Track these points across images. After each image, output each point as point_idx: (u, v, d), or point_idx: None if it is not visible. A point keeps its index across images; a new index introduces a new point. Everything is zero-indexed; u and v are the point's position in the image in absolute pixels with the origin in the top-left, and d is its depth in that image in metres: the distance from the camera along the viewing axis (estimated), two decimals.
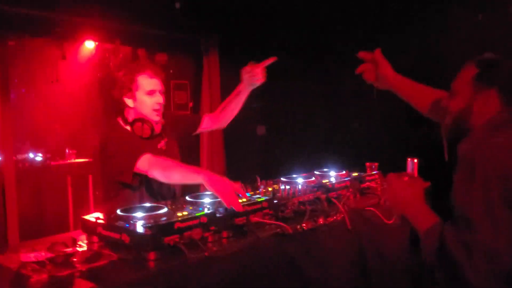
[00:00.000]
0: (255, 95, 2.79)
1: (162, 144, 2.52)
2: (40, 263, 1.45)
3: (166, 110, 2.56)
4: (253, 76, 2.59)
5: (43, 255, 1.48)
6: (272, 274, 1.91)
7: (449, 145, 3.90)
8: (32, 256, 1.47)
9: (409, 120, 4.31)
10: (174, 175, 2.17)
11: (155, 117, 2.41)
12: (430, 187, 3.29)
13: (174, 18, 4.10)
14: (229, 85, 4.94)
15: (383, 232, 2.73)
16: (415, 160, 3.31)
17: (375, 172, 3.03)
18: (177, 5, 4.05)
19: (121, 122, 2.45)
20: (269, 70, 2.62)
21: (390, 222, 2.77)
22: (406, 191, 1.84)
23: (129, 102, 2.38)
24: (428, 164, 3.53)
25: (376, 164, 3.18)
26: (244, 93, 2.71)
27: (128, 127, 2.42)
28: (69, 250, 1.54)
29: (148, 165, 2.17)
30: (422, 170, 3.35)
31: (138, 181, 2.29)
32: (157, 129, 2.45)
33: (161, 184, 2.35)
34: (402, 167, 3.32)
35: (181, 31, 4.52)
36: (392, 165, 3.33)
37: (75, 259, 1.50)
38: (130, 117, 2.41)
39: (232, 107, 2.77)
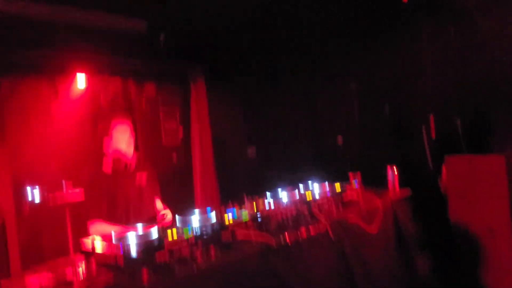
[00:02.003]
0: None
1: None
2: None
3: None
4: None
5: (47, 281, 1.62)
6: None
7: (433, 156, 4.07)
8: (37, 284, 1.61)
9: (391, 130, 4.50)
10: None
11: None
12: (410, 195, 3.47)
13: (161, 49, 4.30)
14: (216, 109, 5.18)
15: (367, 243, 2.85)
16: (394, 168, 3.51)
17: (356, 182, 3.17)
18: (162, 37, 4.24)
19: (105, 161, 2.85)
20: (253, 90, 2.74)
21: (374, 232, 2.91)
22: None
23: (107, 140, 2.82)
24: (409, 172, 3.71)
25: (359, 173, 3.33)
26: None
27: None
28: (70, 274, 1.68)
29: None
30: (403, 178, 3.54)
31: None
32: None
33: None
34: (384, 176, 3.50)
35: (168, 62, 4.71)
36: (374, 174, 3.50)
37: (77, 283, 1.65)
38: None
39: None
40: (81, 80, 4.54)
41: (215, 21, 4.19)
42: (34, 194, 4.62)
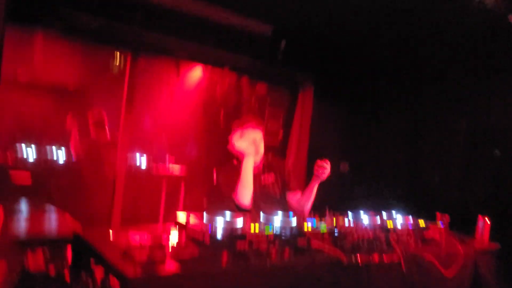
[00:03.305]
0: None
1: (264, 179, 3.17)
2: (143, 246, 1.89)
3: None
4: (321, 170, 3.06)
5: (145, 239, 1.91)
6: None
7: None
8: (137, 238, 1.91)
9: (494, 179, 4.30)
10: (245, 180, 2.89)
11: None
12: (498, 249, 3.31)
13: (278, 55, 4.55)
14: (318, 119, 5.32)
15: (439, 283, 2.81)
16: (487, 219, 3.37)
17: (441, 222, 3.12)
18: (283, 44, 4.49)
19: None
20: (358, 108, 2.74)
21: (450, 276, 2.85)
22: None
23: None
24: (503, 227, 3.54)
25: (447, 216, 3.26)
26: (314, 184, 3.20)
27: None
28: (164, 240, 1.96)
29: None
30: (494, 231, 3.39)
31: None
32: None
33: None
34: (472, 224, 3.38)
35: (282, 67, 4.96)
36: (464, 221, 3.40)
37: (168, 248, 1.93)
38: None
39: (306, 197, 3.24)
40: (201, 70, 4.97)
41: (338, 35, 4.33)
42: (142, 161, 5.18)
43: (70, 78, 4.41)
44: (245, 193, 2.95)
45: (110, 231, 2.19)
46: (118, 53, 4.46)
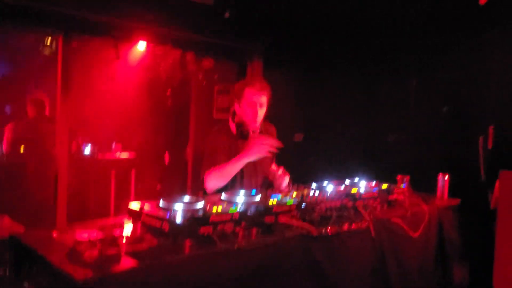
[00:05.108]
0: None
1: None
2: (92, 242, 1.67)
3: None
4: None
5: (95, 235, 1.70)
6: (294, 272, 2.07)
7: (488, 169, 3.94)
8: (86, 235, 1.69)
9: (445, 137, 4.37)
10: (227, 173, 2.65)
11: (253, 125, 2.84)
12: (458, 204, 3.37)
13: (222, 26, 4.33)
14: (270, 91, 5.17)
15: (406, 244, 2.82)
16: (446, 177, 3.41)
17: (404, 185, 3.12)
18: (227, 15, 4.27)
19: (230, 120, 2.93)
20: (310, 76, 2.70)
21: (415, 235, 2.87)
22: None
23: (236, 108, 2.90)
24: (460, 182, 3.61)
25: (408, 177, 3.27)
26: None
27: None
28: (117, 233, 1.75)
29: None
30: (453, 186, 3.44)
31: None
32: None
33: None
34: (433, 182, 3.41)
35: (228, 39, 4.75)
36: (423, 179, 3.42)
37: (122, 241, 1.72)
38: (235, 119, 2.89)
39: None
40: (142, 48, 4.68)
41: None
42: (86, 150, 4.86)
43: None
44: (218, 184, 2.73)
45: (54, 231, 1.93)
46: (48, 35, 4.09)
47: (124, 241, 1.73)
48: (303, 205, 2.28)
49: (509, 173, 3.52)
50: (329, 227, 2.23)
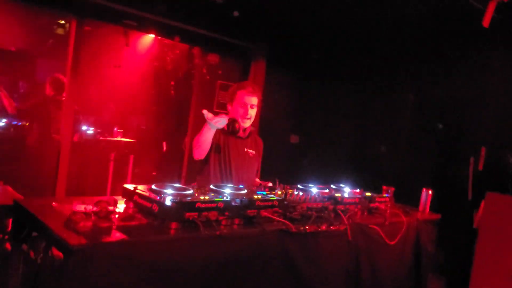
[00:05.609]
0: None
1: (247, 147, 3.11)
2: (88, 214, 1.83)
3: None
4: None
5: (91, 208, 1.85)
6: (271, 263, 2.21)
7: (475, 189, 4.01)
8: (82, 207, 1.84)
9: (436, 153, 4.47)
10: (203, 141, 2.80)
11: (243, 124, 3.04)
12: (439, 219, 3.49)
13: (230, 24, 4.47)
14: (271, 91, 5.32)
15: (382, 251, 2.94)
16: (430, 192, 3.53)
17: (386, 195, 3.24)
18: (235, 14, 4.40)
19: None
20: (309, 82, 2.72)
21: (392, 243, 2.99)
22: None
23: (229, 108, 3.11)
24: (446, 199, 3.71)
25: (393, 188, 3.38)
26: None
27: None
28: (111, 208, 1.91)
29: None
30: (438, 202, 3.55)
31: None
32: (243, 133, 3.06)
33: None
34: (417, 196, 3.53)
35: (235, 37, 4.89)
36: (411, 192, 3.54)
37: (115, 216, 1.87)
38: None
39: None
40: (151, 38, 4.81)
41: (290, 4, 4.29)
42: (89, 131, 5.00)
43: (11, 39, 4.18)
44: (198, 149, 2.88)
45: (53, 201, 2.09)
46: (62, 17, 4.24)
47: (116, 216, 1.88)
48: (285, 202, 2.42)
49: (495, 195, 3.64)
50: (308, 226, 2.36)
